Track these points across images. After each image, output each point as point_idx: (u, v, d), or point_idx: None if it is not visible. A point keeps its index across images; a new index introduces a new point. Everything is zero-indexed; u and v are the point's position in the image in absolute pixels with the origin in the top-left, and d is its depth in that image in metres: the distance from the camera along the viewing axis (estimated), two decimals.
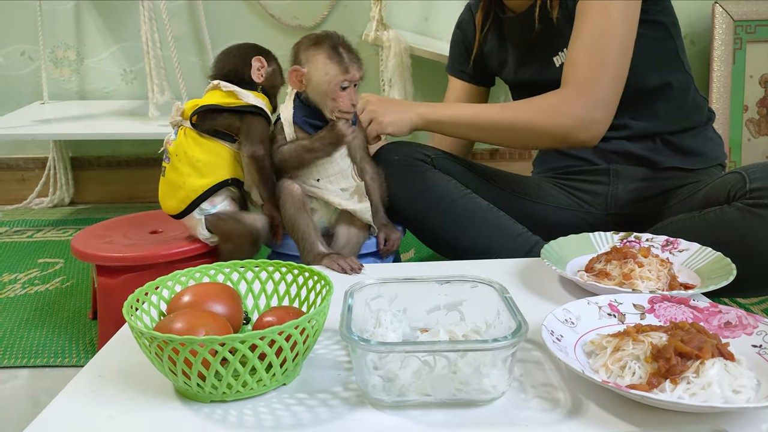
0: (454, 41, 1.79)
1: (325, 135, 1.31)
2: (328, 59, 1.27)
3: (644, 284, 1.06)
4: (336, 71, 1.27)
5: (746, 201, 1.22)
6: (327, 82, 1.27)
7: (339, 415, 0.78)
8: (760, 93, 2.37)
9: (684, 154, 1.52)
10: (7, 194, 2.67)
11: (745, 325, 0.90)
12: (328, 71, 1.27)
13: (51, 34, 2.53)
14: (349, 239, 1.36)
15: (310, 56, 1.28)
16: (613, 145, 1.53)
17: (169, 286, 0.94)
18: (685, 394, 0.76)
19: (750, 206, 1.20)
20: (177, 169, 1.34)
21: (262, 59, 1.39)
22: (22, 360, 1.41)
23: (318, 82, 1.28)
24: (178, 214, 1.36)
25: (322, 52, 1.27)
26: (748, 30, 2.33)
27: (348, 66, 1.27)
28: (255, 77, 1.39)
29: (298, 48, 1.31)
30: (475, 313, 0.92)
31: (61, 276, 1.88)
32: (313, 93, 1.30)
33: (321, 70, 1.27)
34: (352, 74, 1.27)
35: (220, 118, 1.35)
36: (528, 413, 0.77)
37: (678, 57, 1.52)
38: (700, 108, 1.56)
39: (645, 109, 1.51)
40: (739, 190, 1.24)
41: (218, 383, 0.77)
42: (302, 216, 1.33)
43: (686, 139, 1.52)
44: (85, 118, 2.32)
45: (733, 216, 1.23)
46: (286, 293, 0.99)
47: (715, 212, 1.26)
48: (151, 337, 0.75)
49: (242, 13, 2.50)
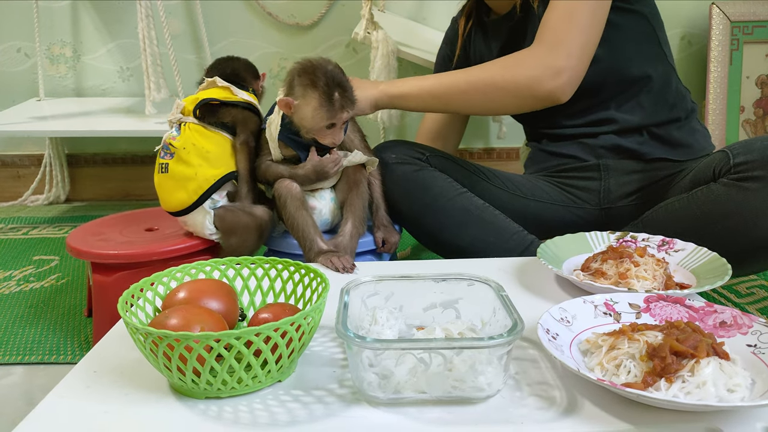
0: (440, 57, 1.80)
1: (309, 168, 1.36)
2: (319, 105, 1.28)
3: (640, 284, 1.06)
4: (324, 118, 1.29)
5: (731, 176, 1.24)
6: (314, 124, 1.31)
7: (334, 412, 0.77)
8: (756, 94, 2.38)
9: (672, 145, 1.53)
10: (3, 191, 2.67)
11: (740, 324, 0.90)
12: (316, 115, 1.29)
13: (47, 31, 2.52)
14: (351, 236, 1.36)
15: (304, 93, 1.30)
16: (602, 140, 1.53)
17: (165, 282, 0.94)
18: (680, 392, 0.76)
19: (735, 180, 1.23)
20: (186, 161, 1.35)
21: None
22: (17, 357, 1.41)
23: (305, 118, 1.31)
24: (188, 207, 1.36)
25: (316, 94, 1.28)
26: (745, 31, 2.34)
27: (337, 112, 1.29)
28: (257, 87, 1.50)
29: (293, 77, 1.32)
30: (471, 311, 0.92)
31: (56, 273, 1.88)
32: (299, 124, 1.33)
33: (311, 111, 1.29)
34: (339, 117, 1.30)
35: (223, 111, 1.39)
36: (523, 411, 0.77)
37: (660, 48, 1.53)
38: (683, 99, 1.57)
39: (629, 101, 1.52)
40: (723, 166, 1.26)
41: (213, 379, 0.77)
42: (301, 214, 1.33)
43: (673, 131, 1.53)
44: (82, 116, 2.32)
45: (720, 192, 1.26)
46: (282, 290, 0.99)
47: (702, 191, 1.29)
48: (146, 333, 0.75)
49: (239, 10, 2.50)
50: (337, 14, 2.50)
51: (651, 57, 1.51)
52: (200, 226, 1.38)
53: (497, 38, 1.61)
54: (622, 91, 1.50)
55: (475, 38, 1.68)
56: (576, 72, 1.38)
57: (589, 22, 1.37)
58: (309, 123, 1.31)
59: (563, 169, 1.58)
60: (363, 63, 2.50)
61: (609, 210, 1.53)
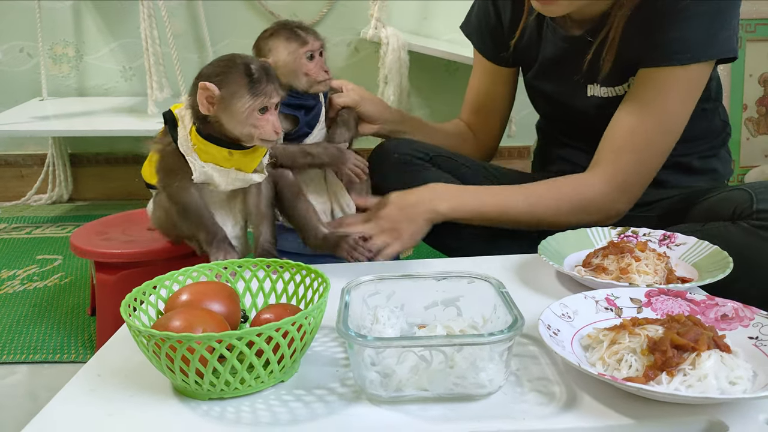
0: (482, 22, 1.60)
1: (329, 148, 1.33)
2: (285, 40, 1.29)
3: (641, 278, 1.06)
4: (296, 46, 1.29)
5: (752, 222, 1.19)
6: (293, 59, 1.29)
7: (337, 411, 0.78)
8: (759, 92, 2.37)
9: (690, 173, 1.47)
10: (6, 191, 2.68)
11: (741, 317, 0.90)
12: (290, 50, 1.29)
13: (50, 31, 2.53)
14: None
15: (271, 46, 1.30)
16: None
17: (167, 285, 0.94)
18: (681, 386, 0.76)
19: (756, 228, 1.18)
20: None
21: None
22: (21, 356, 1.42)
23: (284, 62, 1.29)
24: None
25: (280, 37, 1.29)
26: (747, 29, 2.33)
27: (305, 38, 1.29)
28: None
29: (257, 44, 1.32)
30: (473, 308, 0.92)
31: (59, 272, 1.88)
32: (285, 75, 1.29)
33: (284, 51, 1.29)
34: (311, 44, 1.29)
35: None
36: (524, 407, 0.77)
37: (708, 89, 1.41)
38: (719, 132, 1.50)
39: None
40: (745, 209, 1.21)
41: (216, 380, 0.77)
42: (301, 201, 1.31)
43: (695, 160, 1.46)
44: (84, 115, 2.33)
45: (737, 235, 1.20)
46: (284, 291, 0.99)
47: (719, 228, 1.23)
48: (149, 335, 0.76)
49: (241, 10, 2.51)
50: (339, 13, 2.50)
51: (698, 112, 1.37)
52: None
53: (548, 40, 1.47)
54: None
55: (530, 24, 1.50)
56: (630, 204, 1.35)
57: (661, 150, 1.31)
58: (290, 63, 1.29)
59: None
60: (366, 62, 2.51)
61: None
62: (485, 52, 1.60)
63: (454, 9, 2.26)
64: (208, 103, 1.08)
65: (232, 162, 1.15)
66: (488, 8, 1.56)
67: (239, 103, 1.08)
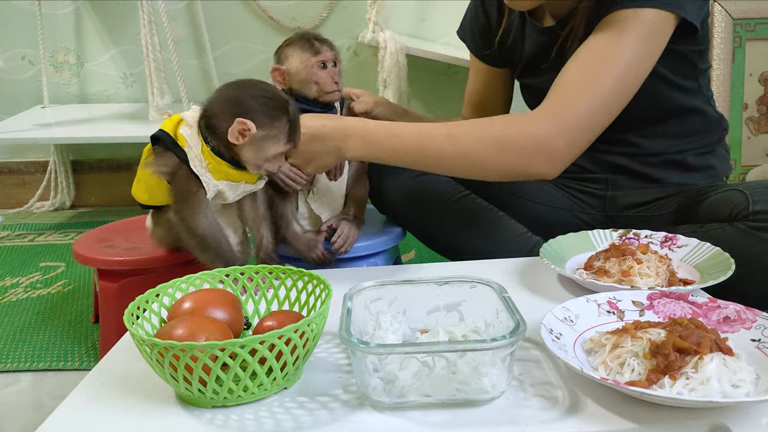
0: (474, 24, 1.63)
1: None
2: (300, 49, 1.32)
3: (643, 281, 1.06)
4: (309, 56, 1.32)
5: (748, 223, 1.20)
6: (305, 67, 1.31)
7: (340, 418, 0.78)
8: (759, 91, 2.36)
9: (686, 170, 1.46)
10: (9, 198, 2.68)
11: (743, 319, 0.90)
12: (303, 59, 1.31)
13: (51, 38, 2.53)
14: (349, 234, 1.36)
15: (287, 54, 1.33)
16: (614, 158, 1.47)
17: (170, 293, 0.95)
18: (684, 389, 0.76)
19: (752, 228, 1.19)
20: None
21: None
22: (25, 364, 1.42)
23: (297, 70, 1.32)
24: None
25: (295, 45, 1.33)
26: (747, 28, 2.32)
27: (318, 48, 1.32)
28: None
29: (278, 52, 1.36)
30: (475, 313, 0.92)
31: (62, 280, 1.89)
32: (296, 83, 1.33)
33: (297, 60, 1.32)
34: (324, 54, 1.32)
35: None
36: (527, 412, 0.77)
37: (697, 82, 1.42)
38: (715, 127, 1.48)
39: (655, 129, 1.43)
40: (741, 210, 1.22)
41: (219, 388, 0.78)
42: (278, 196, 1.34)
43: (691, 157, 1.45)
44: (86, 122, 2.33)
45: (734, 236, 1.21)
46: (286, 297, 1.00)
47: (717, 230, 1.24)
48: (152, 344, 0.76)
49: (241, 15, 2.51)
50: (339, 17, 2.50)
51: (686, 91, 1.41)
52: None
53: (530, 35, 1.48)
54: (650, 122, 1.42)
55: (514, 22, 1.52)
56: (573, 151, 1.22)
57: (612, 88, 1.21)
58: (302, 72, 1.31)
59: (569, 177, 1.54)
60: (365, 66, 2.51)
61: (614, 217, 1.49)
62: (478, 54, 1.65)
63: (451, 12, 2.25)
64: (240, 135, 1.10)
65: (242, 176, 1.17)
66: (478, 10, 1.61)
67: (273, 147, 1.12)
